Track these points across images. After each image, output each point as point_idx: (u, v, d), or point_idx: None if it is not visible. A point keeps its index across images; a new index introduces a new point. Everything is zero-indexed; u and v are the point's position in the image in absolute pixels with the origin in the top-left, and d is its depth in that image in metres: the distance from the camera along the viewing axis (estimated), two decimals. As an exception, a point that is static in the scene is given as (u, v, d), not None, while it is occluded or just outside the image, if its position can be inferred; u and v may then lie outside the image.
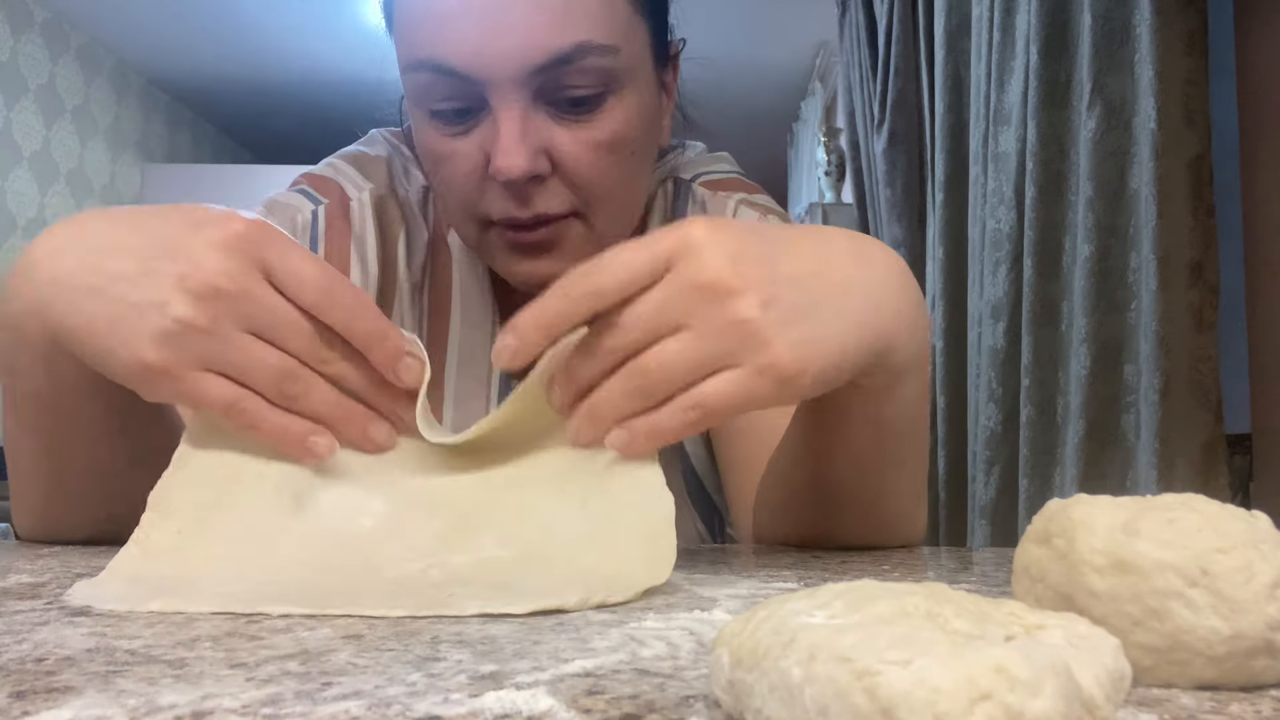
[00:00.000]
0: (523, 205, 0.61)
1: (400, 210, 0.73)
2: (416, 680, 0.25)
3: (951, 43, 1.89)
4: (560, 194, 0.61)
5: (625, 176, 0.64)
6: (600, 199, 0.63)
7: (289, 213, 0.71)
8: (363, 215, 0.72)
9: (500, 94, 0.59)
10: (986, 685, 0.17)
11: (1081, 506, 0.28)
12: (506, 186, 0.60)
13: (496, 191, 0.61)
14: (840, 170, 3.27)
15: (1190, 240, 1.12)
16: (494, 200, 0.61)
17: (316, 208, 0.71)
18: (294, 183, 0.75)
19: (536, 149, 0.59)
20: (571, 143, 0.61)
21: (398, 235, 0.72)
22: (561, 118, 0.60)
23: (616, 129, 0.62)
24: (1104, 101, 1.28)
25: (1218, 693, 0.25)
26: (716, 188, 0.77)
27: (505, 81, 0.58)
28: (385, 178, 0.74)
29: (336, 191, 0.72)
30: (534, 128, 0.60)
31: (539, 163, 0.59)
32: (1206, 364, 1.11)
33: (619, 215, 0.65)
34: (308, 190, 0.73)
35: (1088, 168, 1.30)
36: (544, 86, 0.59)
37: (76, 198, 3.85)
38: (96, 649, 0.29)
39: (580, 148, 0.61)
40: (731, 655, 0.21)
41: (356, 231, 0.71)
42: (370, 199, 0.72)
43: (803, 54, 3.81)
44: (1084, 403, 1.28)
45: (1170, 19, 1.15)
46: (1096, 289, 1.28)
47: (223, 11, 3.60)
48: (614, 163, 0.62)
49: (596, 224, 0.63)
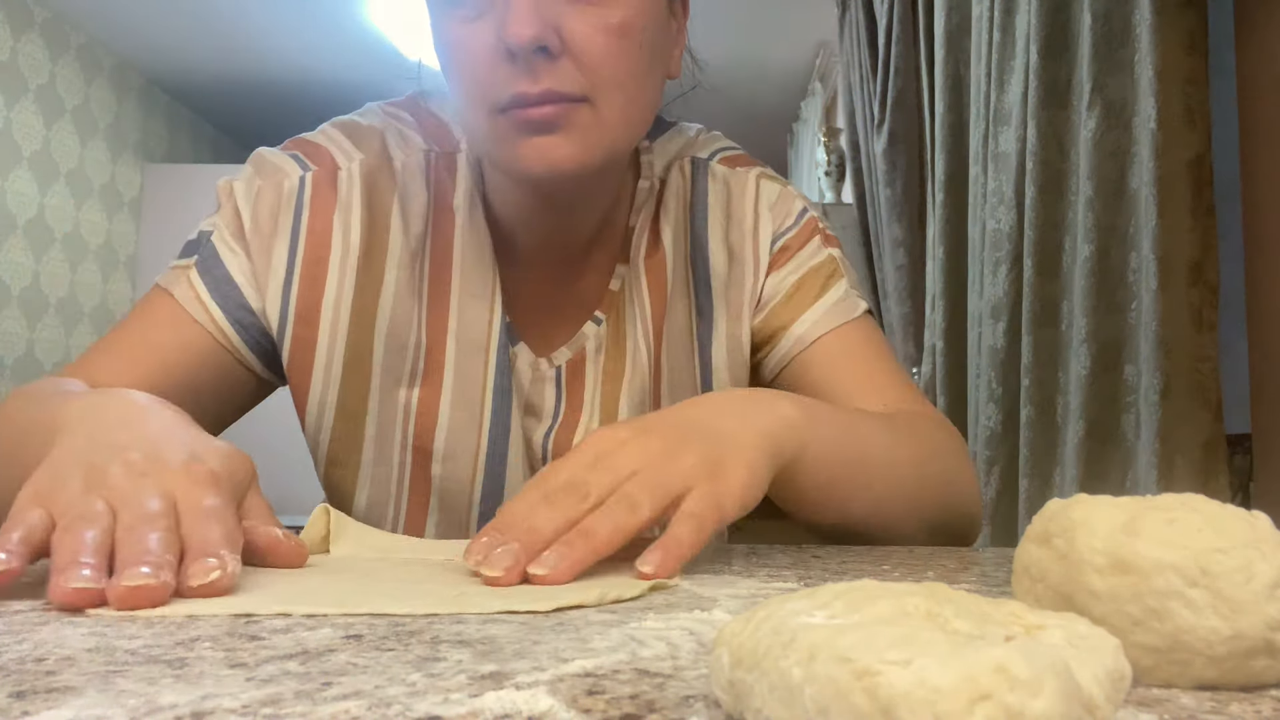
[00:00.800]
0: (533, 80, 0.61)
1: (394, 180, 0.73)
2: (416, 680, 0.25)
3: (951, 43, 1.89)
4: (570, 74, 0.62)
5: (634, 67, 0.65)
6: (609, 84, 0.64)
7: (277, 176, 0.72)
8: (350, 185, 0.72)
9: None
10: (986, 685, 0.17)
11: (1081, 506, 0.28)
12: (517, 61, 0.61)
13: (507, 70, 0.62)
14: (840, 170, 3.27)
15: (1190, 240, 1.12)
16: (505, 80, 0.62)
17: (305, 174, 0.72)
18: (285, 145, 0.75)
19: (547, 21, 0.61)
20: (582, 23, 0.62)
21: (390, 205, 0.73)
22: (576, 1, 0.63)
23: (626, 15, 0.63)
24: (1104, 101, 1.28)
25: (1218, 693, 0.25)
26: (734, 163, 0.80)
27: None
28: (379, 147, 0.74)
29: (327, 159, 0.73)
30: (546, 2, 0.61)
31: (549, 35, 0.61)
32: (1206, 364, 1.11)
33: (627, 108, 0.65)
34: (298, 155, 0.73)
35: (1087, 168, 1.30)
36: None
37: (76, 198, 3.85)
38: (96, 649, 0.29)
39: (590, 28, 0.62)
40: (731, 655, 0.21)
41: (343, 200, 0.72)
42: (360, 169, 0.72)
43: (803, 54, 3.81)
44: (1084, 403, 1.28)
45: (1170, 19, 1.15)
46: (1096, 289, 1.28)
47: (223, 11, 3.60)
48: (623, 49, 0.64)
49: (604, 112, 0.64)
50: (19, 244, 3.55)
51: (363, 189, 0.72)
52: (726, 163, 0.80)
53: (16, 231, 3.53)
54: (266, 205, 0.71)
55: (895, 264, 2.31)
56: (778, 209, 0.79)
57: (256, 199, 0.71)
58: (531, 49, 0.60)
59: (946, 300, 1.86)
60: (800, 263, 0.77)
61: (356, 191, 0.72)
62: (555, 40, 0.61)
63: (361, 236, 0.72)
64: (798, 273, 0.77)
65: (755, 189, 0.79)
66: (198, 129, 4.76)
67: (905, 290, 2.28)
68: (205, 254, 0.71)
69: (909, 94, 2.26)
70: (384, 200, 0.73)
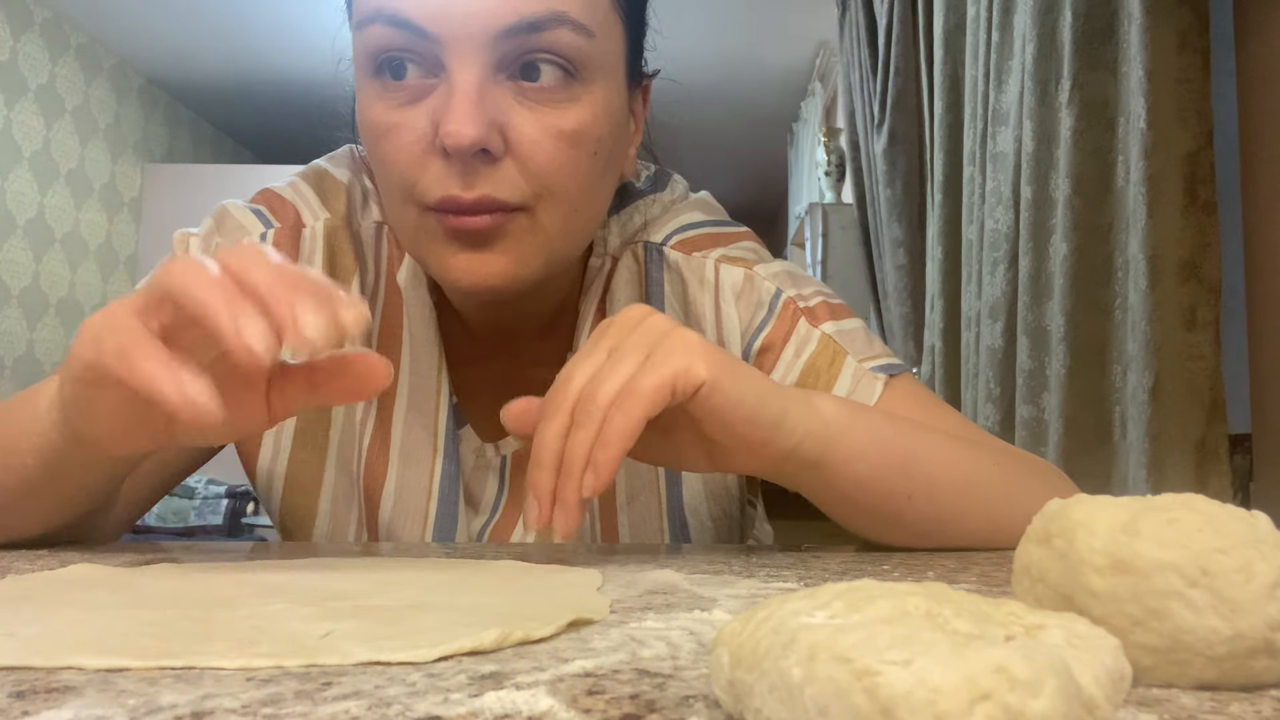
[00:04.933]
0: (468, 185, 0.55)
1: (353, 246, 0.69)
2: (416, 680, 0.25)
3: (949, 43, 1.89)
4: (512, 180, 0.56)
5: (584, 177, 0.59)
6: (554, 194, 0.57)
7: (238, 233, 0.68)
8: (313, 246, 0.68)
9: (459, 55, 0.54)
10: (986, 685, 0.17)
11: (1081, 507, 0.28)
12: (453, 160, 0.55)
13: (440, 169, 0.56)
14: (840, 170, 3.27)
15: (1181, 238, 1.12)
16: (437, 178, 0.56)
17: (267, 231, 0.68)
18: (254, 197, 0.71)
19: (491, 121, 0.55)
20: (531, 125, 0.56)
21: (351, 270, 0.68)
22: (524, 98, 0.56)
23: (582, 121, 0.57)
24: (1083, 100, 1.28)
25: (1218, 693, 0.25)
26: (691, 248, 0.70)
27: (466, 41, 0.54)
28: (344, 208, 0.70)
29: (291, 215, 0.69)
30: (492, 99, 0.55)
31: (492, 137, 0.54)
32: (1199, 363, 1.10)
33: (571, 219, 0.60)
34: (263, 212, 0.69)
35: (1066, 165, 1.30)
36: (507, 56, 0.55)
37: (76, 198, 3.85)
38: (96, 649, 0.29)
39: (540, 132, 0.56)
40: (731, 655, 0.21)
41: (304, 261, 0.68)
42: (324, 229, 0.69)
43: (803, 54, 3.81)
44: (1074, 403, 1.29)
45: (1162, 17, 1.15)
46: (1087, 288, 1.28)
47: (223, 11, 3.60)
48: (574, 158, 0.57)
49: (544, 222, 0.58)
50: (19, 244, 3.55)
51: (325, 251, 0.68)
52: (682, 247, 0.70)
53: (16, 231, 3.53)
54: None
55: (895, 264, 2.31)
56: (745, 300, 0.68)
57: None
58: (471, 152, 0.54)
59: (946, 300, 1.86)
60: (790, 361, 0.66)
61: (319, 254, 0.68)
62: (498, 142, 0.55)
63: None
64: (793, 373, 0.66)
65: (715, 278, 0.69)
66: (198, 129, 4.76)
67: (905, 290, 2.28)
68: None
69: (909, 94, 2.26)
70: (345, 264, 0.68)
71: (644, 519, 0.69)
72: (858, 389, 0.65)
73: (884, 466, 0.55)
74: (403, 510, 0.67)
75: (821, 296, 0.69)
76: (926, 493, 0.56)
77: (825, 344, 0.66)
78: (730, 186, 5.26)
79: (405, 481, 0.68)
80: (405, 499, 0.67)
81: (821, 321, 0.67)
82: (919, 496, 0.56)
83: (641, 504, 0.69)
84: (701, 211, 0.73)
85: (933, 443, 0.59)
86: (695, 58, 3.72)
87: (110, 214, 4.06)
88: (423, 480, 0.68)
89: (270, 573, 0.44)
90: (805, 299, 0.69)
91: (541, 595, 0.38)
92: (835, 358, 0.66)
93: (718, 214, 0.75)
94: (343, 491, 0.69)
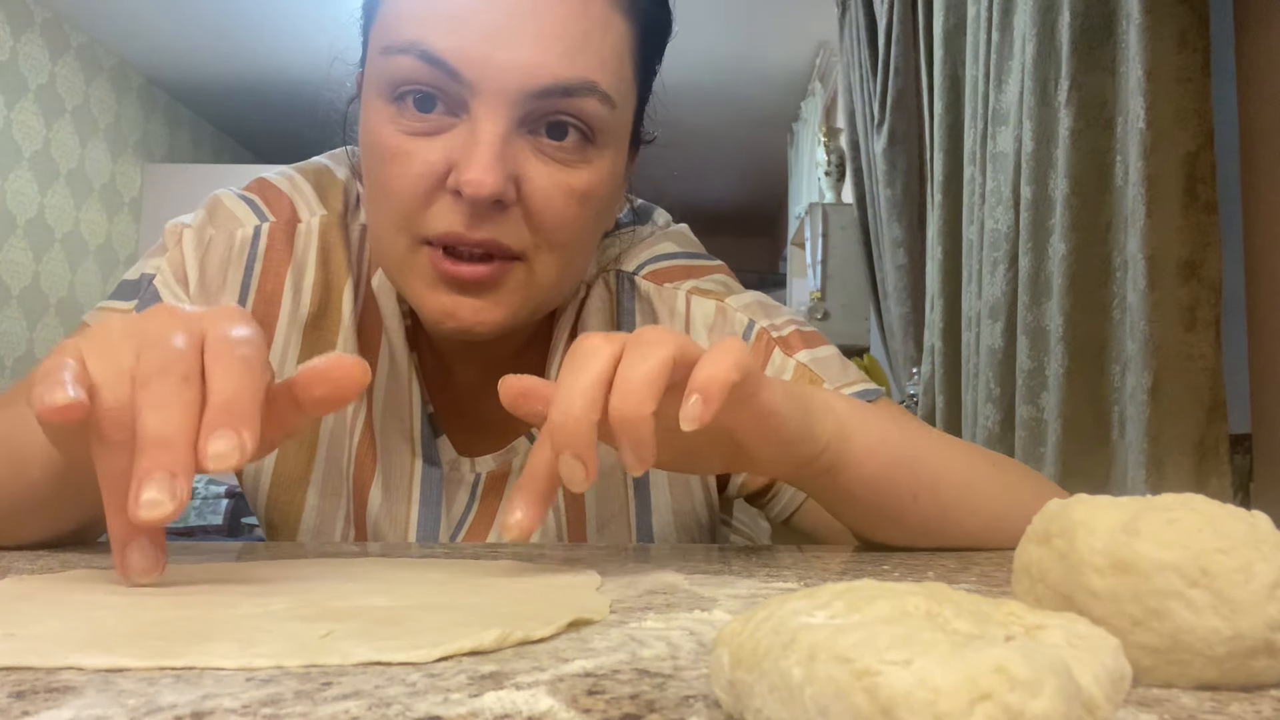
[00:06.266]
0: (474, 226, 0.56)
1: (345, 246, 0.69)
2: (416, 680, 0.25)
3: (949, 43, 1.89)
4: (515, 228, 0.57)
5: (584, 234, 0.61)
6: (556, 246, 0.59)
7: (231, 225, 0.67)
8: (308, 242, 0.68)
9: (489, 106, 0.55)
10: (986, 685, 0.17)
11: (1082, 507, 0.28)
12: (465, 203, 0.56)
13: (447, 205, 0.56)
14: (840, 170, 3.27)
15: (1181, 238, 1.12)
16: (441, 214, 0.56)
17: (261, 225, 0.68)
18: (248, 185, 0.70)
19: (510, 173, 0.56)
20: (545, 180, 0.57)
21: (344, 271, 0.68)
22: (541, 154, 0.58)
23: (592, 183, 0.59)
24: (1080, 99, 1.28)
25: (1218, 693, 0.25)
26: (663, 278, 0.71)
27: (499, 94, 0.55)
28: (340, 206, 0.69)
29: (287, 209, 0.68)
30: (511, 152, 0.56)
31: (508, 188, 0.56)
32: (1199, 363, 1.10)
33: (564, 271, 0.61)
34: (255, 202, 0.69)
35: (1065, 165, 1.30)
36: (532, 114, 0.57)
37: (76, 198, 3.85)
38: (96, 649, 0.29)
39: (552, 186, 0.57)
40: (731, 655, 0.21)
41: (298, 257, 0.67)
42: (319, 225, 0.68)
43: (803, 54, 3.81)
44: (1072, 403, 1.29)
45: (1161, 18, 1.15)
46: (1084, 288, 1.28)
47: (223, 11, 3.60)
48: (579, 215, 0.59)
49: (539, 274, 0.59)
50: (19, 244, 3.55)
51: (319, 248, 0.68)
52: (653, 278, 0.70)
53: (16, 231, 3.53)
54: (216, 257, 0.67)
55: (895, 264, 2.31)
56: (717, 332, 0.69)
57: (207, 250, 0.67)
58: (488, 202, 0.55)
59: (946, 300, 1.86)
60: None
61: (313, 250, 0.68)
62: (512, 193, 0.56)
63: (313, 299, 0.67)
64: None
65: (686, 309, 0.69)
66: (198, 129, 4.76)
67: (905, 290, 2.28)
68: (146, 298, 0.66)
69: (909, 94, 2.26)
70: (338, 263, 0.68)
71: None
72: None
73: (891, 465, 0.55)
74: (389, 508, 0.68)
75: (794, 325, 0.70)
76: (930, 491, 0.57)
77: (801, 372, 0.67)
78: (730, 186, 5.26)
79: (390, 480, 0.68)
80: (391, 496, 0.68)
81: (796, 350, 0.68)
82: (923, 495, 0.56)
83: (611, 532, 0.69)
84: (675, 243, 0.74)
85: (934, 443, 0.59)
86: (695, 58, 3.72)
87: (110, 214, 4.06)
88: (404, 480, 0.68)
89: (270, 573, 0.43)
90: (779, 329, 0.69)
91: (541, 595, 0.38)
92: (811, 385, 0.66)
93: (692, 246, 0.76)
94: (331, 486, 0.68)
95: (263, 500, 0.69)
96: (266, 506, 0.69)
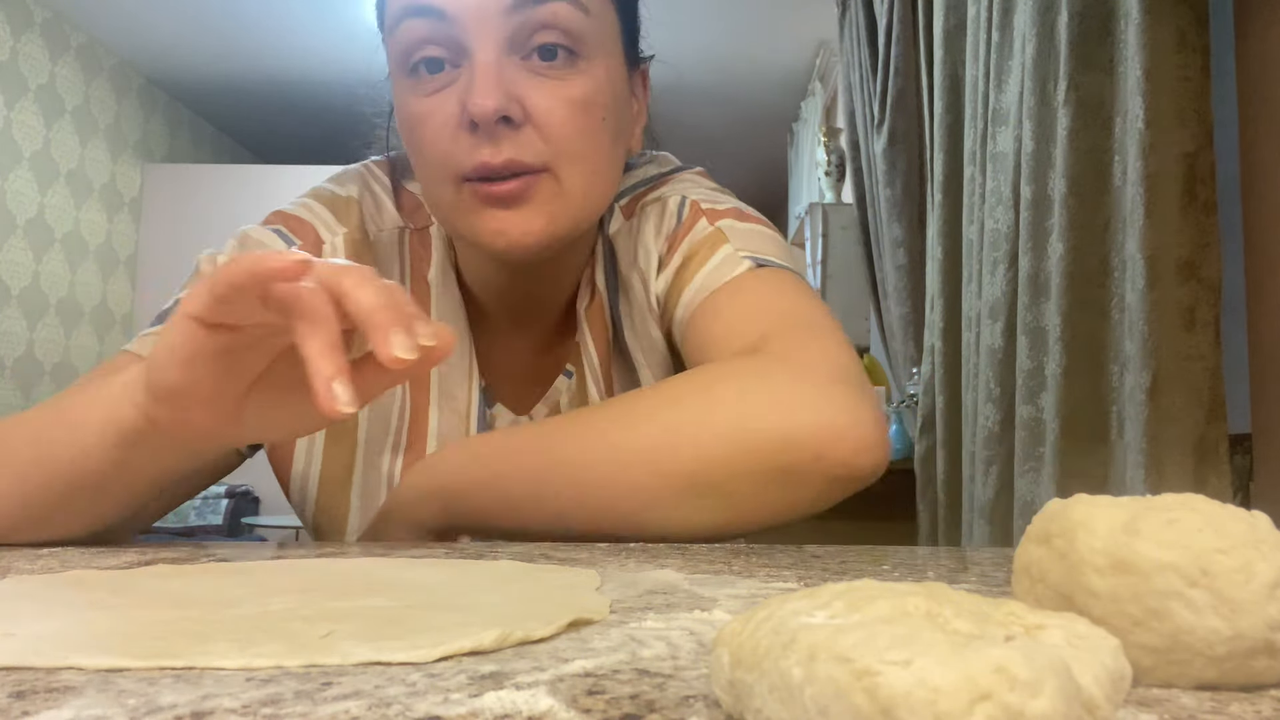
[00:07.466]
0: (495, 150, 0.63)
1: (373, 253, 0.74)
2: (416, 680, 0.25)
3: (949, 43, 1.89)
4: (532, 143, 0.64)
5: (596, 140, 0.66)
6: (571, 155, 0.65)
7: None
8: (335, 258, 0.71)
9: (477, 36, 0.63)
10: (986, 685, 0.17)
11: (1082, 507, 0.28)
12: (480, 131, 0.63)
13: (470, 141, 0.63)
14: (840, 170, 3.27)
15: (1180, 239, 1.12)
16: (467, 149, 0.63)
17: (290, 249, 0.71)
18: (268, 219, 0.75)
19: (510, 93, 0.63)
20: (543, 96, 0.64)
21: (386, 275, 0.71)
22: (535, 74, 0.64)
23: (587, 90, 0.65)
24: (1078, 99, 1.28)
25: (1218, 693, 0.25)
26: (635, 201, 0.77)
27: (482, 21, 0.63)
28: (358, 220, 0.75)
29: (310, 233, 0.73)
30: (508, 75, 0.63)
31: (511, 105, 0.62)
32: (1198, 363, 1.10)
33: (590, 179, 0.67)
34: (282, 231, 0.73)
35: (1063, 165, 1.30)
36: (518, 35, 0.63)
37: (76, 198, 3.85)
38: (96, 649, 0.29)
39: (552, 101, 0.64)
40: (731, 655, 0.21)
41: None
42: (344, 243, 0.73)
43: (803, 54, 3.81)
44: (1071, 402, 1.29)
45: (1160, 18, 1.15)
46: (1083, 288, 1.28)
47: (223, 11, 3.60)
48: (585, 123, 0.65)
49: (566, 183, 0.65)
50: (19, 244, 3.55)
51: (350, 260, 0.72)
52: (626, 210, 0.76)
53: (16, 231, 3.53)
54: None
55: (895, 264, 2.31)
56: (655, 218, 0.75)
57: None
58: (494, 119, 0.62)
59: (946, 300, 1.86)
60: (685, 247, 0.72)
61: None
62: (518, 110, 0.63)
63: None
64: (683, 256, 0.71)
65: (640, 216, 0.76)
66: (198, 129, 4.76)
67: (905, 290, 2.28)
68: None
69: (909, 94, 2.26)
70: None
71: None
72: (721, 266, 0.69)
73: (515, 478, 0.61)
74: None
75: (734, 205, 0.75)
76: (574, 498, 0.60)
77: (714, 233, 0.71)
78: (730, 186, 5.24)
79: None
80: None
81: (720, 219, 0.73)
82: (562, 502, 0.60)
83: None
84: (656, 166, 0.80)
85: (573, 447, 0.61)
86: (695, 58, 3.72)
87: (110, 214, 4.06)
88: None
89: (270, 572, 0.44)
90: (714, 203, 0.74)
91: (541, 595, 0.38)
92: (716, 243, 0.70)
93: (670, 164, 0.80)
94: (371, 486, 0.71)
95: (311, 505, 0.72)
96: (315, 511, 0.72)
